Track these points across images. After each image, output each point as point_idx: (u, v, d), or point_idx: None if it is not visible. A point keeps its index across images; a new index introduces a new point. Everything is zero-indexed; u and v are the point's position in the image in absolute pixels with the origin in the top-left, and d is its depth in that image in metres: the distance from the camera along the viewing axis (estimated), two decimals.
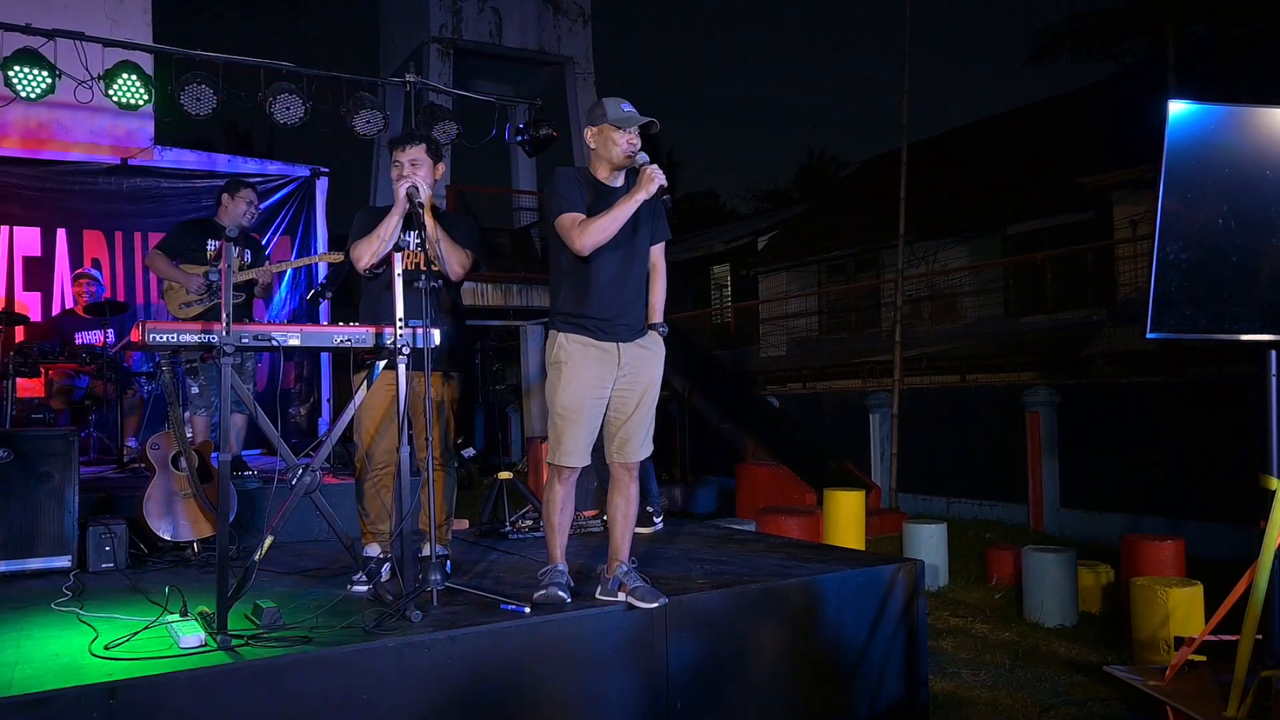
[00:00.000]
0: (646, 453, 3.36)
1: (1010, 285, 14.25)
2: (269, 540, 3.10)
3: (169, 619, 3.02)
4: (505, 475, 5.37)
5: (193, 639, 2.75)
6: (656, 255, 3.42)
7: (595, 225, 3.12)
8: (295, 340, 3.22)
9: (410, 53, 13.84)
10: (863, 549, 6.71)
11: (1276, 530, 2.88)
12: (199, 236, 5.23)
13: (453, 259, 3.74)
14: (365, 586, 3.39)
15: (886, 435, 10.31)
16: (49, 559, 3.95)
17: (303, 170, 8.15)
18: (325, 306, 6.44)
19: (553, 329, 3.30)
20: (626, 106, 3.21)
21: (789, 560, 4.05)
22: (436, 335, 3.35)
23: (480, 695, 2.90)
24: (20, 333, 6.63)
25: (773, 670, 3.46)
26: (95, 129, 7.38)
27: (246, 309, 5.28)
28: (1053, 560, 5.61)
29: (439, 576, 3.24)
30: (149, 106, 6.29)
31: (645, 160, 3.16)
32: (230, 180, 5.54)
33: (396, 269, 3.22)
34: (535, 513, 5.00)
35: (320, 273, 7.56)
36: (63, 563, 3.96)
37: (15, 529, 3.91)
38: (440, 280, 3.58)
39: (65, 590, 3.54)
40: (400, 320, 3.21)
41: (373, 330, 3.35)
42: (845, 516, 7.26)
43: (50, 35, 5.79)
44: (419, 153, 3.69)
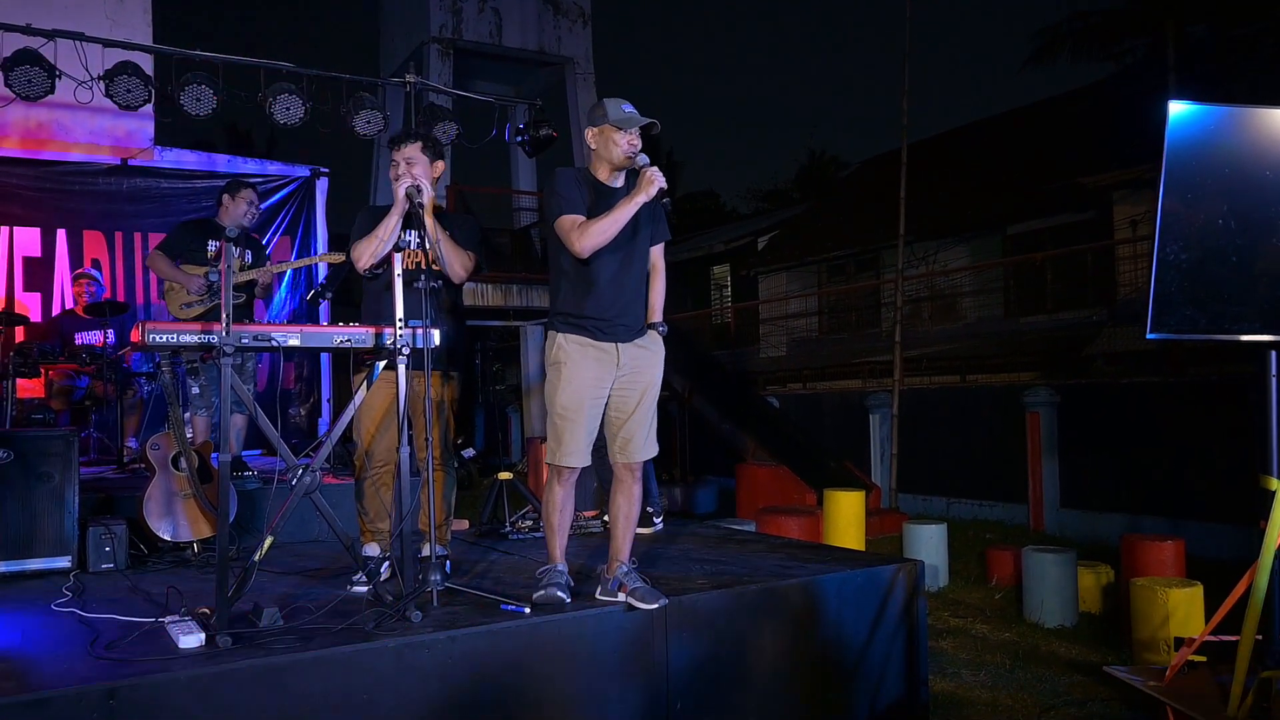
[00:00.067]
0: (650, 453, 3.35)
1: (1010, 285, 14.25)
2: (269, 540, 3.10)
3: (169, 619, 3.02)
4: (505, 475, 5.37)
5: (192, 639, 2.75)
6: (656, 256, 3.42)
7: (595, 228, 3.12)
8: (295, 340, 3.22)
9: (410, 53, 13.84)
10: (863, 549, 6.71)
11: (1276, 530, 2.88)
12: (200, 237, 5.23)
13: (455, 261, 3.73)
14: (365, 587, 3.38)
15: (886, 435, 10.31)
16: (49, 559, 3.96)
17: (303, 170, 8.15)
18: (325, 307, 6.45)
19: (552, 329, 3.30)
20: (627, 107, 3.21)
21: (789, 560, 4.05)
22: (436, 335, 3.35)
23: (480, 695, 2.90)
24: (20, 333, 6.63)
25: (773, 670, 3.46)
26: (95, 129, 7.38)
27: (247, 309, 5.28)
28: (1053, 560, 5.61)
29: (439, 577, 3.24)
30: (149, 107, 6.29)
31: (645, 162, 3.17)
32: (230, 180, 5.54)
33: (396, 269, 3.22)
34: (535, 513, 5.00)
35: (320, 273, 7.56)
36: (63, 563, 3.96)
37: (15, 529, 3.91)
38: (440, 280, 3.58)
39: (65, 590, 3.55)
40: (400, 320, 3.21)
41: (372, 330, 3.35)
42: (845, 517, 7.26)
43: (50, 35, 5.79)
44: (414, 151, 3.69)
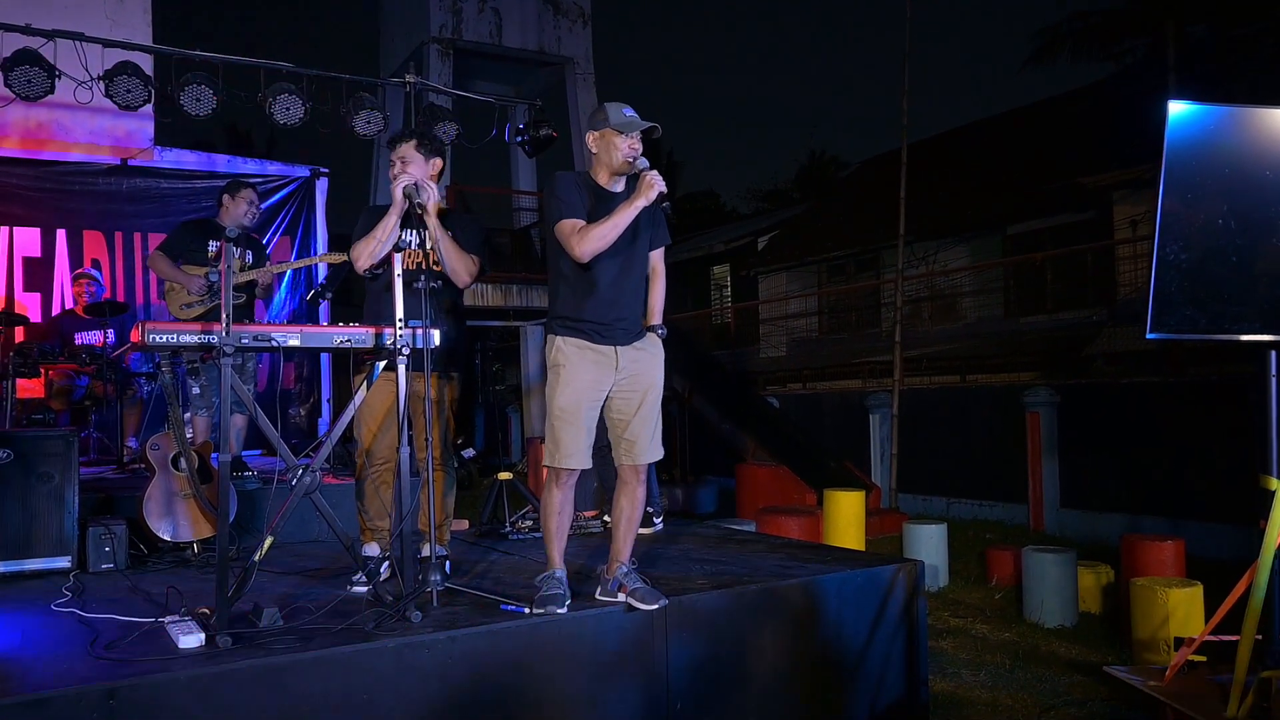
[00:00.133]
0: (656, 455, 3.34)
1: (1010, 285, 14.25)
2: (269, 540, 3.10)
3: (169, 619, 3.02)
4: (505, 475, 5.37)
5: (192, 639, 2.75)
6: (656, 260, 3.42)
7: (595, 232, 3.12)
8: (295, 341, 3.22)
9: (410, 53, 13.83)
10: (863, 549, 6.71)
11: (1276, 530, 2.88)
12: (200, 237, 5.22)
13: (460, 267, 3.71)
14: (365, 587, 3.38)
15: (886, 435, 10.31)
16: (49, 559, 3.96)
17: (303, 170, 8.15)
18: (325, 307, 6.45)
19: (550, 332, 3.30)
20: (629, 111, 3.21)
21: (789, 561, 4.05)
22: (436, 336, 3.35)
23: (480, 695, 2.90)
24: (20, 333, 6.63)
25: (773, 671, 3.46)
26: (95, 129, 7.38)
27: (248, 310, 5.28)
28: (1053, 560, 5.61)
29: (439, 577, 3.24)
30: (149, 107, 6.29)
31: (646, 165, 3.16)
32: (231, 181, 5.54)
33: (396, 269, 3.22)
34: (535, 513, 5.00)
35: (320, 273, 7.57)
36: (63, 563, 3.96)
37: (15, 529, 3.91)
38: (440, 280, 3.58)
39: (65, 591, 3.55)
40: (400, 321, 3.21)
41: (372, 331, 3.35)
42: (845, 517, 7.26)
43: (50, 36, 5.79)
44: (409, 150, 3.69)
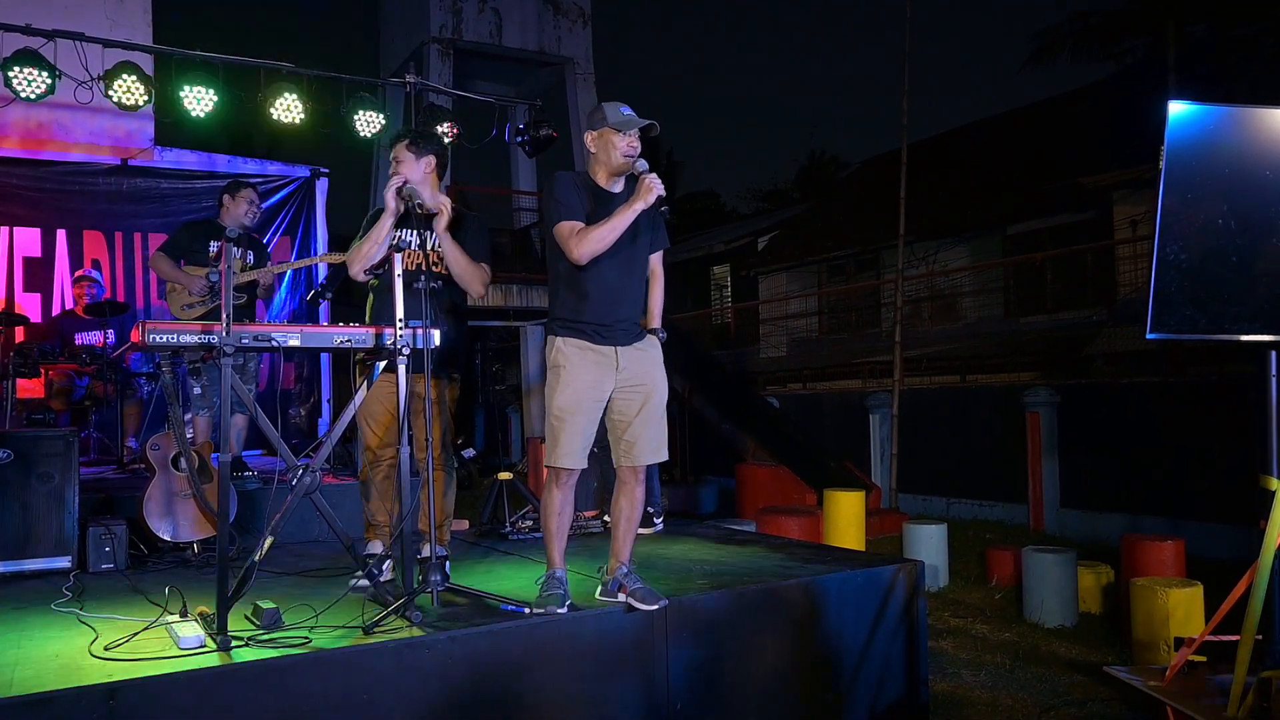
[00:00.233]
0: (657, 458, 3.33)
1: (1010, 285, 14.25)
2: (269, 540, 3.10)
3: (169, 619, 3.02)
4: (505, 475, 5.38)
5: (193, 639, 2.76)
6: (655, 263, 3.42)
7: (593, 235, 3.12)
8: (295, 341, 3.22)
9: (410, 53, 13.82)
10: (863, 549, 6.71)
11: (1276, 530, 2.88)
12: (202, 238, 5.22)
13: (474, 280, 3.73)
14: (365, 583, 3.39)
15: (886, 435, 10.31)
16: (49, 559, 3.96)
17: (303, 171, 8.15)
18: (325, 307, 6.45)
19: (550, 333, 3.30)
20: (626, 110, 3.22)
21: (789, 561, 4.05)
22: (436, 336, 3.35)
23: (480, 696, 2.90)
24: (20, 333, 6.63)
25: (773, 671, 3.46)
26: (95, 129, 7.38)
27: (249, 310, 5.27)
28: (1053, 560, 5.61)
29: (439, 577, 3.25)
30: (149, 107, 6.29)
31: (645, 168, 3.17)
32: (231, 181, 5.54)
33: (396, 269, 3.22)
34: (535, 513, 5.00)
35: (320, 273, 7.57)
36: (63, 563, 3.97)
37: (15, 529, 3.92)
38: (440, 281, 3.58)
39: (65, 591, 3.55)
40: (400, 321, 3.21)
41: (372, 331, 3.35)
42: (845, 517, 7.25)
43: (50, 36, 5.79)
44: (400, 150, 3.72)
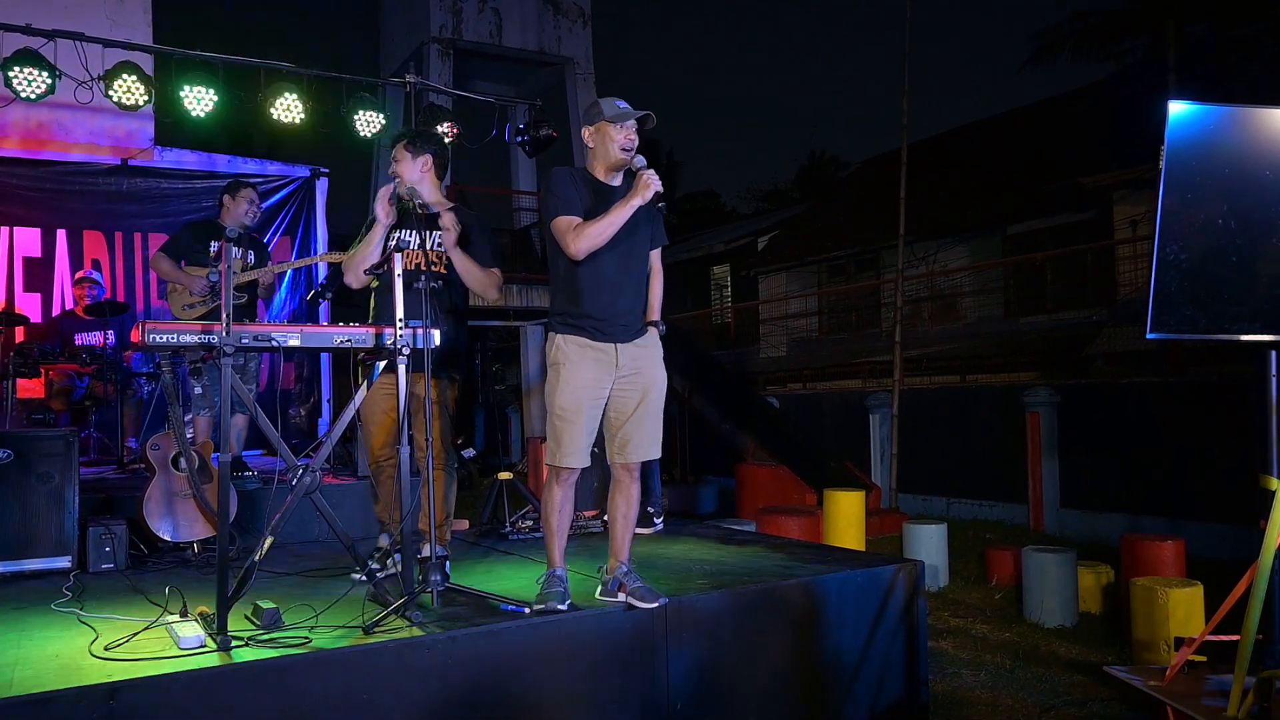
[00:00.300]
0: (650, 455, 3.33)
1: (1010, 285, 14.25)
2: (269, 540, 3.11)
3: (169, 619, 3.02)
4: (505, 475, 5.38)
5: (193, 639, 2.76)
6: (654, 259, 3.43)
7: (590, 230, 3.12)
8: (295, 341, 3.22)
9: (410, 53, 13.82)
10: (863, 549, 6.71)
11: (1276, 530, 2.88)
12: (203, 238, 5.22)
13: (489, 288, 3.77)
14: (365, 576, 3.41)
15: (886, 435, 10.31)
16: (49, 559, 3.96)
17: (302, 171, 8.15)
18: (325, 307, 6.45)
19: (551, 330, 3.31)
20: (621, 104, 3.24)
21: (789, 561, 4.05)
22: (436, 336, 3.35)
23: (480, 695, 2.90)
24: (20, 334, 6.63)
25: (772, 670, 3.46)
26: (95, 129, 7.38)
27: (250, 310, 5.27)
28: (1053, 560, 5.61)
29: (439, 577, 3.25)
30: (149, 107, 6.29)
31: (642, 164, 3.18)
32: (231, 181, 5.54)
33: (396, 270, 3.22)
34: (535, 513, 5.00)
35: (320, 273, 7.57)
36: (63, 563, 3.97)
37: (15, 529, 3.92)
38: (440, 281, 3.58)
39: (65, 591, 3.55)
40: (400, 321, 3.21)
41: (372, 331, 3.35)
42: (845, 517, 7.25)
43: (50, 36, 5.79)
44: (398, 150, 3.77)
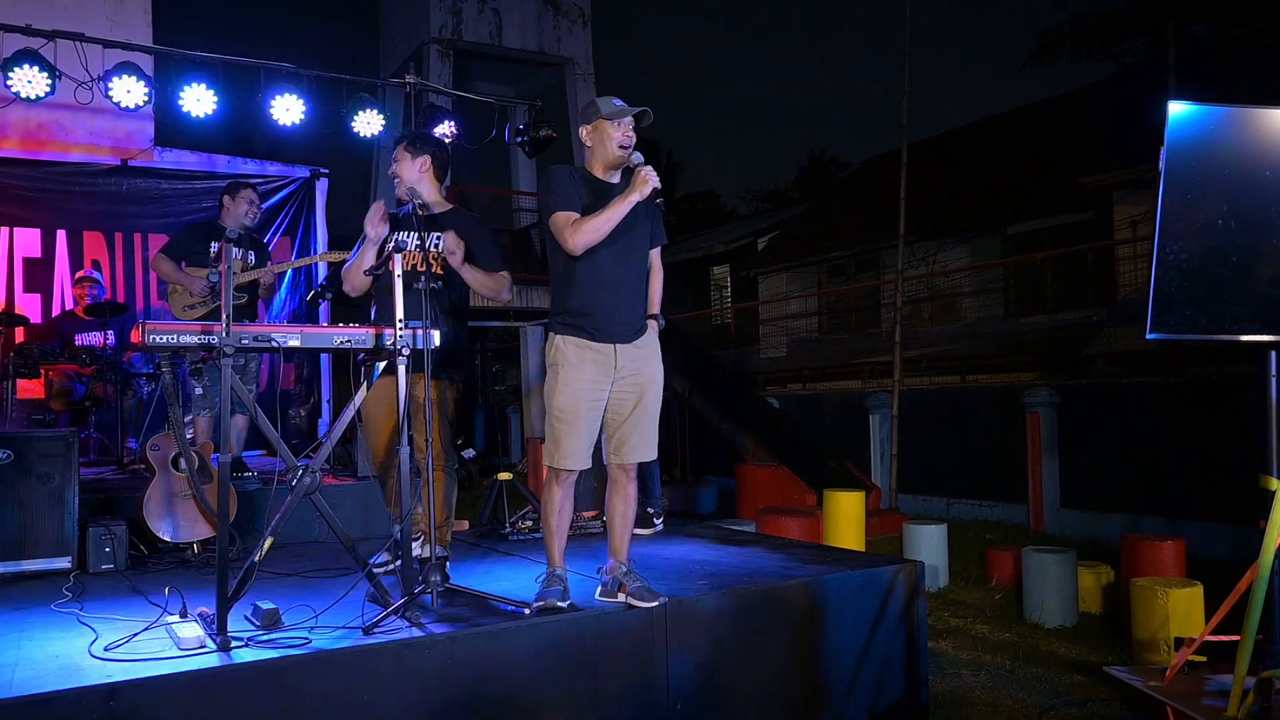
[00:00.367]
0: (646, 456, 3.33)
1: (1010, 285, 14.25)
2: (269, 541, 3.10)
3: (169, 620, 3.02)
4: (505, 476, 5.39)
5: (193, 639, 2.76)
6: (654, 257, 3.43)
7: (588, 225, 3.13)
8: (295, 341, 3.22)
9: (410, 53, 13.82)
10: (863, 550, 6.71)
11: (1276, 530, 2.88)
12: (203, 239, 5.22)
13: (498, 292, 3.80)
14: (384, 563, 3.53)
15: (886, 436, 10.31)
16: (49, 560, 3.96)
17: (302, 171, 8.14)
18: (325, 307, 6.44)
19: (550, 331, 3.30)
20: (618, 102, 3.26)
21: (789, 561, 4.05)
22: (436, 336, 3.35)
23: (480, 695, 2.90)
24: (20, 334, 6.63)
25: (772, 671, 3.46)
26: (95, 130, 7.37)
27: (250, 310, 5.27)
28: (1053, 560, 5.61)
29: (439, 577, 3.24)
30: (149, 107, 6.29)
31: (640, 161, 3.18)
32: (231, 181, 5.54)
33: (396, 270, 3.22)
34: (535, 513, 5.00)
35: (320, 273, 7.56)
36: (63, 564, 3.96)
37: (15, 530, 3.92)
38: (440, 281, 3.59)
39: (65, 591, 3.55)
40: (400, 321, 3.21)
41: (372, 331, 3.35)
42: (845, 517, 7.25)
43: (50, 36, 5.79)
44: (399, 152, 3.79)
